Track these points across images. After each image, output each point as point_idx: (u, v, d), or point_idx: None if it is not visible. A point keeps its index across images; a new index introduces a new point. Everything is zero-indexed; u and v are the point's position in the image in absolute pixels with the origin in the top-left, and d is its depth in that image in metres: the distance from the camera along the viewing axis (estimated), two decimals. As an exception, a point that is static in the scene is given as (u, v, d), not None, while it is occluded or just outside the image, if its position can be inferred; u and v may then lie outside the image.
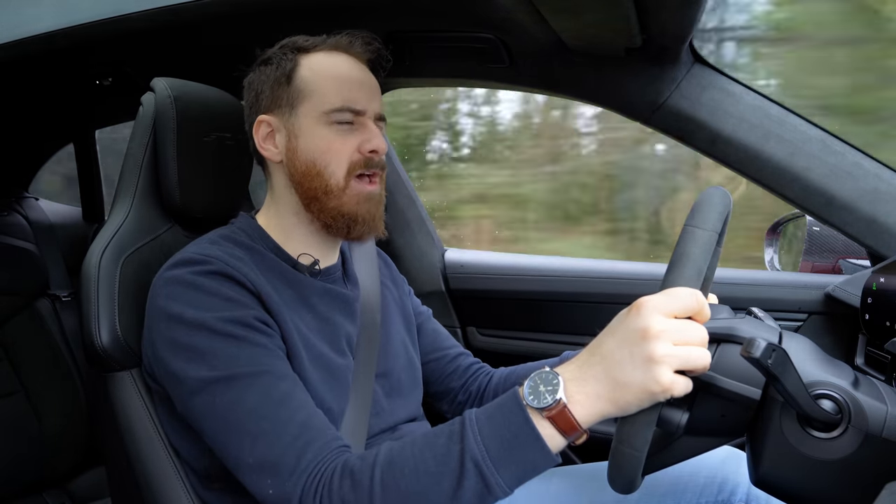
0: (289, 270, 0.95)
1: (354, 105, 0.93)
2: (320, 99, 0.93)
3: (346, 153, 0.92)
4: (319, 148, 0.92)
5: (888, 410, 0.65)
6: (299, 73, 0.94)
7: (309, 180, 0.93)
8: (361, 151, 0.93)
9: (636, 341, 0.64)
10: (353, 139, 0.93)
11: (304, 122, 0.93)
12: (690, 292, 0.65)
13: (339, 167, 0.92)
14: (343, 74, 0.94)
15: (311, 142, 0.93)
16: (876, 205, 1.09)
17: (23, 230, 1.66)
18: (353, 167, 0.93)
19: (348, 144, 0.93)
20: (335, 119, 0.92)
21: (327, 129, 0.92)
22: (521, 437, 0.69)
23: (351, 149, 0.93)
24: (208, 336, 0.82)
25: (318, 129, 0.92)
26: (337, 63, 0.95)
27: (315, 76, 0.93)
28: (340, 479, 0.74)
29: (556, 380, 0.68)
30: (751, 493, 0.93)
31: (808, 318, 1.30)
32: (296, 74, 0.94)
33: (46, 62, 1.28)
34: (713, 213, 0.67)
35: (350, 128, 0.93)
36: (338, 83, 0.93)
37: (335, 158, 0.92)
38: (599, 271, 1.50)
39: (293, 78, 0.94)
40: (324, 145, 0.92)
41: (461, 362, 1.18)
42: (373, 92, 0.96)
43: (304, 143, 0.93)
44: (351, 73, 0.95)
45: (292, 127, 0.94)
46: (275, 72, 0.95)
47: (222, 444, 0.80)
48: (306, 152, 0.93)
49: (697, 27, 1.02)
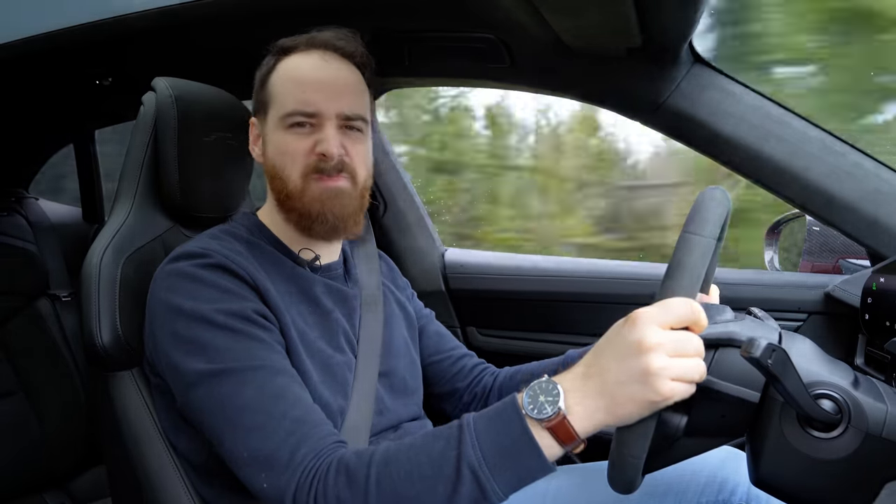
0: (289, 265, 0.96)
1: (306, 108, 0.92)
2: (279, 103, 0.94)
3: (300, 155, 0.93)
4: (278, 151, 0.94)
5: (888, 410, 0.65)
6: (271, 78, 0.96)
7: (274, 183, 0.96)
8: (315, 153, 0.93)
9: (632, 354, 0.64)
10: (308, 141, 0.93)
11: (269, 127, 0.96)
12: (686, 303, 0.64)
13: (294, 170, 0.93)
14: (302, 76, 0.94)
15: (272, 146, 0.95)
16: (876, 205, 1.09)
17: (23, 230, 1.66)
18: (307, 169, 0.93)
19: (302, 146, 0.93)
20: (289, 122, 0.93)
21: (284, 133, 0.94)
22: (519, 446, 0.69)
23: (305, 150, 0.93)
24: (207, 328, 0.82)
25: (277, 134, 0.94)
26: (302, 65, 0.95)
27: (279, 80, 0.95)
28: (336, 476, 0.74)
29: (556, 390, 0.68)
30: (751, 493, 0.93)
31: (808, 318, 1.30)
32: (269, 79, 0.96)
33: (46, 62, 1.28)
34: (711, 217, 0.67)
35: (307, 130, 0.93)
36: (294, 86, 0.93)
37: (290, 161, 0.93)
38: (599, 271, 1.50)
39: (267, 83, 0.96)
40: (281, 148, 0.94)
41: (465, 363, 1.18)
42: (336, 92, 0.93)
43: (269, 147, 0.96)
44: (313, 73, 0.94)
45: (264, 131, 0.97)
46: (260, 75, 0.98)
47: (219, 437, 0.81)
48: (270, 157, 0.96)
49: (697, 27, 1.03)
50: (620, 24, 0.98)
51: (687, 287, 0.65)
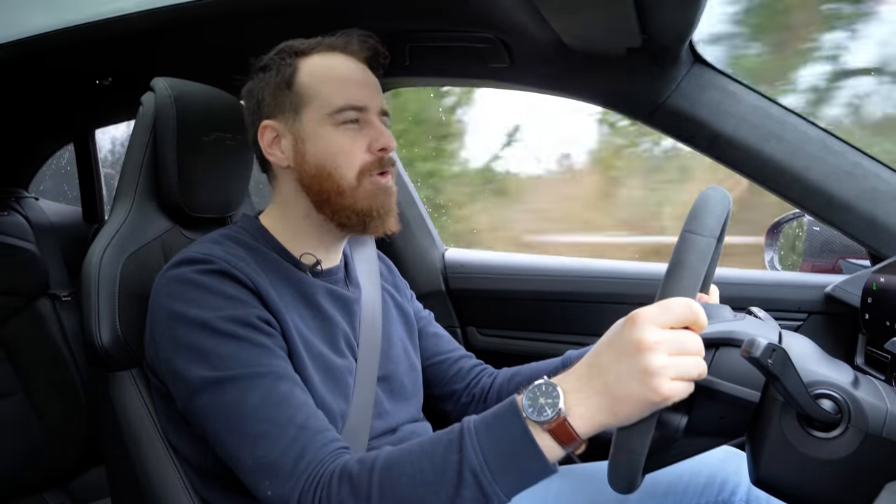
0: (291, 270, 0.95)
1: (357, 102, 0.93)
2: (323, 101, 0.93)
3: (356, 153, 0.93)
4: (329, 150, 0.93)
5: (888, 410, 0.65)
6: (299, 78, 0.94)
7: (319, 183, 0.93)
8: (371, 151, 0.93)
9: (632, 354, 0.64)
10: (361, 139, 0.93)
11: (309, 126, 0.93)
12: (685, 302, 0.64)
13: (350, 169, 0.93)
14: (342, 74, 0.95)
15: (319, 145, 0.93)
16: (876, 205, 1.09)
17: (23, 230, 1.66)
18: (365, 168, 0.93)
19: (357, 144, 0.93)
20: (340, 119, 0.93)
21: (334, 130, 0.93)
22: (520, 449, 0.69)
23: (361, 149, 0.93)
24: (210, 335, 0.82)
25: (325, 132, 0.93)
26: (335, 64, 0.96)
27: (315, 79, 0.94)
28: (339, 483, 0.74)
29: (556, 392, 0.68)
30: (751, 493, 0.93)
31: (808, 317, 1.30)
32: (296, 79, 0.94)
33: (46, 62, 1.28)
34: (711, 216, 0.67)
35: (356, 127, 0.94)
36: (338, 83, 0.94)
37: (346, 160, 0.93)
38: (599, 271, 1.50)
39: (294, 83, 0.94)
40: (333, 147, 0.93)
41: (464, 364, 1.18)
42: (373, 88, 0.97)
43: (311, 146, 0.93)
44: (349, 72, 0.96)
45: (298, 132, 0.94)
46: (275, 77, 0.95)
47: (222, 444, 0.81)
48: (315, 156, 0.93)
49: (697, 27, 1.03)
50: (620, 24, 0.98)
51: (687, 287, 0.65)
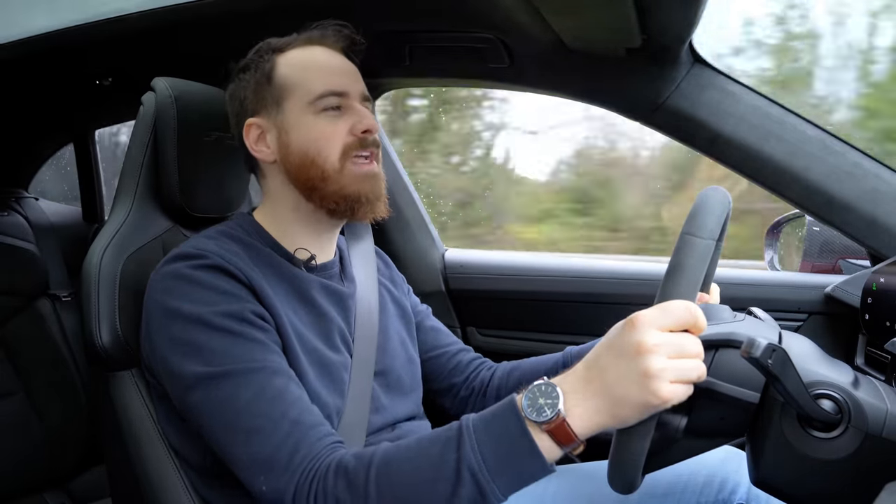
0: (285, 265, 0.96)
1: (337, 88, 0.94)
2: (304, 90, 0.94)
3: (338, 137, 0.94)
4: (311, 136, 0.94)
5: (888, 410, 0.65)
6: (278, 71, 0.96)
7: (305, 171, 0.94)
8: (354, 133, 0.94)
9: (631, 356, 0.64)
10: (343, 123, 0.94)
11: (292, 116, 0.95)
12: (685, 305, 0.64)
13: (332, 152, 0.93)
14: (320, 63, 0.96)
15: (302, 133, 0.94)
16: (876, 205, 1.09)
17: (23, 230, 1.66)
18: (347, 149, 0.94)
19: (339, 128, 0.94)
20: (321, 106, 0.94)
21: (315, 117, 0.94)
22: (518, 449, 0.69)
23: (343, 132, 0.94)
24: (204, 330, 0.82)
25: (307, 119, 0.94)
26: (313, 54, 0.97)
27: (294, 70, 0.95)
28: (335, 478, 0.74)
29: (555, 392, 0.68)
30: (751, 493, 0.93)
31: (808, 318, 1.30)
32: (275, 73, 0.96)
33: (46, 62, 1.28)
34: (711, 218, 0.66)
35: (338, 112, 0.95)
36: (317, 71, 0.95)
37: (327, 144, 0.93)
38: (599, 271, 1.50)
39: (273, 77, 0.96)
40: (315, 133, 0.94)
41: (462, 358, 1.18)
42: (353, 75, 0.98)
43: (295, 136, 0.94)
44: (328, 60, 0.97)
45: (281, 123, 0.95)
46: (254, 75, 0.97)
47: (217, 440, 0.81)
48: (299, 144, 0.94)
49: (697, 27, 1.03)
50: (620, 24, 0.98)
51: (686, 289, 0.65)
